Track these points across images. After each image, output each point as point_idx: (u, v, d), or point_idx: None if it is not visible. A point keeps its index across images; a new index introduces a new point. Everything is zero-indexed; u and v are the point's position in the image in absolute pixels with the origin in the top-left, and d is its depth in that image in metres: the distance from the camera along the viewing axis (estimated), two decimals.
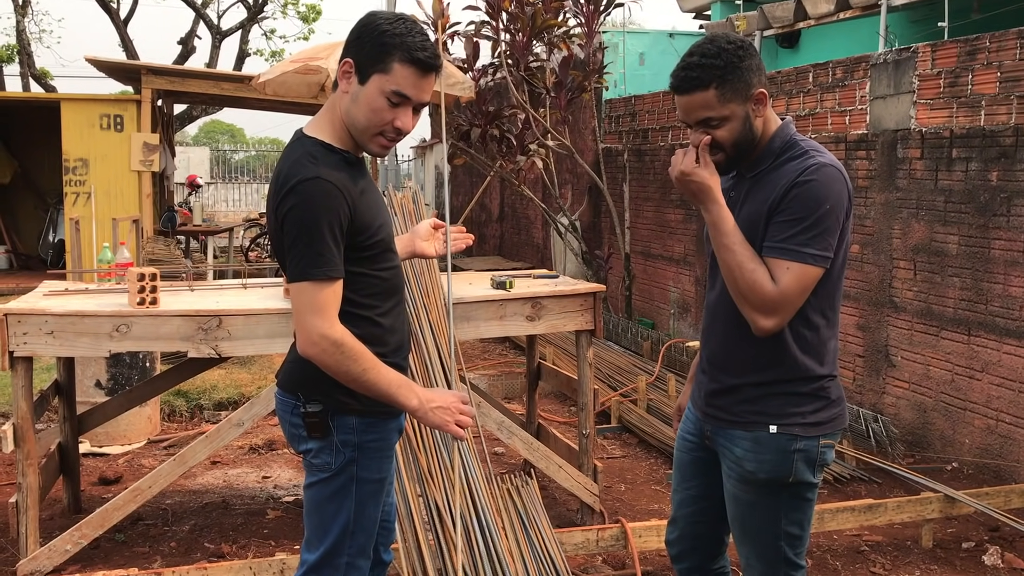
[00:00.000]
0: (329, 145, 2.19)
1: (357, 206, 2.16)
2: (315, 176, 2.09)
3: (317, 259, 2.09)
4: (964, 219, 5.23)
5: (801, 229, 2.17)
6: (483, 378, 6.98)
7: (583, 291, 4.20)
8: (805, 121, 6.59)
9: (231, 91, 10.76)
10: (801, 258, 2.18)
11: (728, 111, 2.22)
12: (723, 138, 2.25)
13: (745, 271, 2.19)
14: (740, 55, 2.20)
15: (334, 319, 2.11)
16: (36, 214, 13.83)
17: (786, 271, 2.18)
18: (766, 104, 2.27)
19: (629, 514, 4.50)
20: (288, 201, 2.10)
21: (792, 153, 2.27)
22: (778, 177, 2.25)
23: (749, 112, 2.24)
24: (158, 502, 4.52)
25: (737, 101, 2.22)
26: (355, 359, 2.12)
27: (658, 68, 10.93)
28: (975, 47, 5.21)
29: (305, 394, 2.25)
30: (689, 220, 8.23)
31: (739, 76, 2.20)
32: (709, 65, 2.19)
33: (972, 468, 5.14)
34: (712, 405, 2.41)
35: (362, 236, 2.18)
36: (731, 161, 2.30)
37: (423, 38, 2.13)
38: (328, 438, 2.25)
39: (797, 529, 2.36)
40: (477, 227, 15.33)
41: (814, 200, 2.18)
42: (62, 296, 3.92)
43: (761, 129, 2.28)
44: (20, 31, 16.86)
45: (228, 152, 30.31)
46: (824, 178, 2.19)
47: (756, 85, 2.23)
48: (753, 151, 2.30)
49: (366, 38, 2.14)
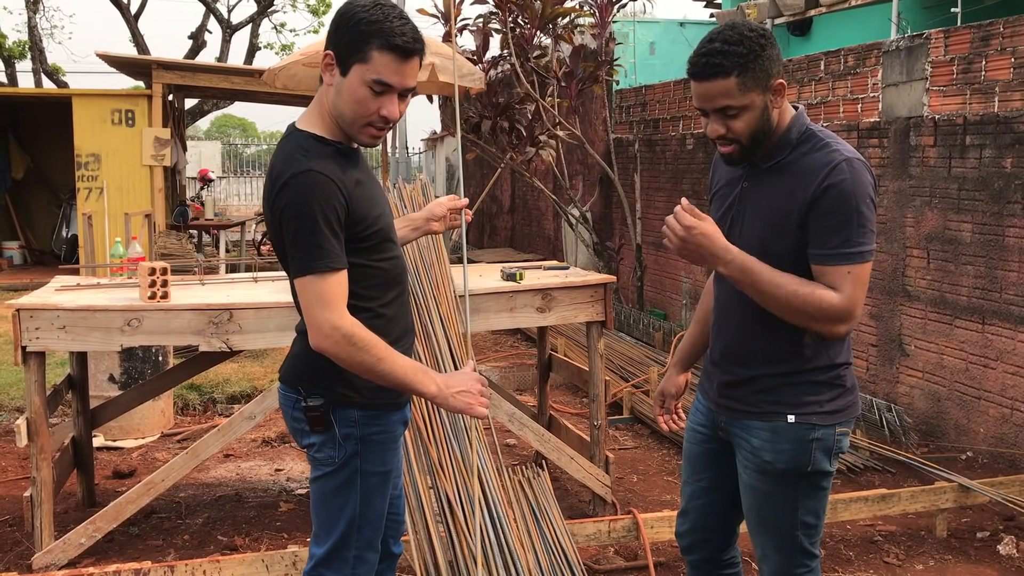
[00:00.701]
0: (320, 137, 2.17)
1: (352, 196, 2.14)
2: (307, 169, 2.07)
3: (318, 251, 2.07)
4: (978, 207, 5.19)
5: (849, 232, 2.15)
6: (495, 370, 6.98)
7: (594, 282, 4.19)
8: (817, 109, 6.54)
9: (242, 85, 10.79)
10: (857, 258, 2.17)
11: (748, 100, 2.17)
12: (739, 129, 2.20)
13: (802, 296, 2.16)
14: (762, 43, 2.16)
15: (343, 310, 2.09)
16: (49, 209, 13.90)
17: (847, 275, 2.16)
18: (784, 95, 2.24)
19: (641, 505, 4.50)
20: (283, 197, 2.08)
21: (814, 144, 2.24)
22: (802, 170, 2.22)
23: (768, 102, 2.20)
24: (171, 495, 4.54)
25: (757, 91, 2.17)
26: (368, 349, 2.09)
27: (669, 57, 10.88)
28: (989, 32, 5.16)
29: (306, 388, 2.24)
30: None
31: (760, 65, 2.16)
32: (731, 52, 2.14)
33: (987, 457, 5.11)
34: (726, 396, 2.40)
35: (359, 227, 2.16)
36: (744, 152, 2.26)
37: (401, 22, 2.08)
38: (330, 432, 2.24)
39: (813, 518, 2.35)
40: (488, 219, 15.32)
41: (852, 197, 2.15)
42: (74, 291, 3.94)
43: (776, 119, 2.25)
44: (32, 27, 16.92)
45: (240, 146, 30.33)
46: (854, 174, 2.17)
47: (776, 75, 2.20)
48: (768, 142, 2.26)
49: (343, 28, 2.10)
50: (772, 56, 2.18)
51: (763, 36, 2.18)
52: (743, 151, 2.25)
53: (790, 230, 2.22)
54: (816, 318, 2.18)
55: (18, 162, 13.38)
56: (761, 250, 2.24)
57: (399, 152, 19.30)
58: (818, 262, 2.19)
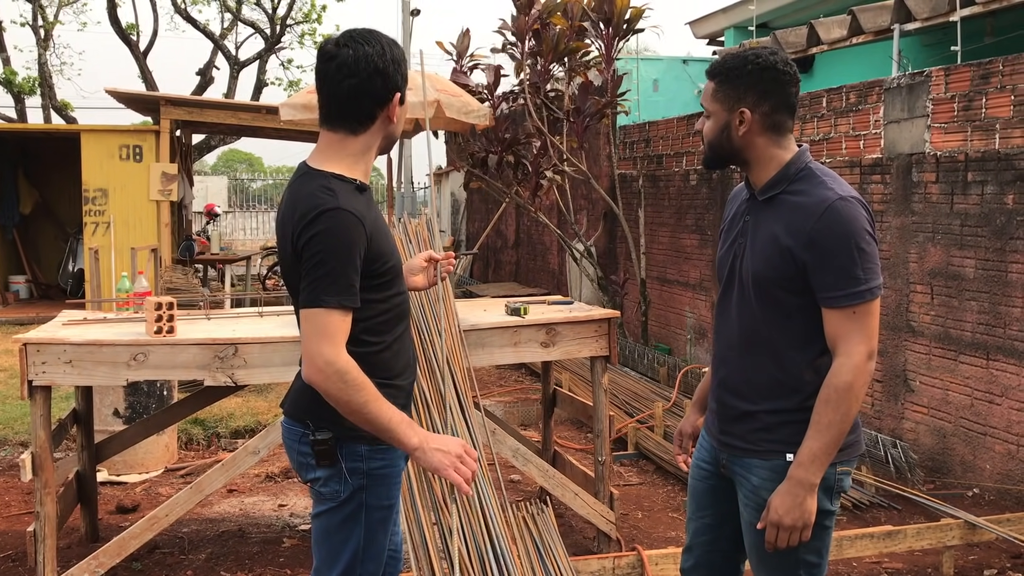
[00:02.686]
0: (341, 176, 2.21)
1: (373, 235, 2.18)
2: (336, 207, 2.11)
3: (333, 287, 2.09)
4: (981, 243, 5.20)
5: (853, 271, 2.18)
6: (499, 405, 6.97)
7: (597, 317, 4.20)
8: (819, 146, 6.59)
9: (248, 120, 10.89)
10: (865, 296, 2.19)
11: (713, 108, 2.34)
12: (705, 131, 2.38)
13: (834, 404, 2.18)
14: (760, 74, 2.26)
15: (341, 347, 2.11)
16: (56, 244, 13.98)
17: (852, 315, 2.19)
18: (747, 126, 2.29)
19: (646, 541, 4.47)
20: (311, 230, 2.10)
21: (811, 182, 2.27)
22: (796, 206, 2.24)
23: (730, 122, 2.31)
24: (175, 530, 4.53)
25: (724, 105, 2.32)
26: (358, 389, 2.10)
27: (672, 94, 10.97)
28: (988, 71, 5.21)
29: (314, 422, 2.24)
30: (704, 245, 8.23)
31: (735, 84, 2.29)
32: (729, 63, 2.30)
33: (993, 494, 5.08)
34: (727, 433, 2.40)
35: (377, 263, 2.20)
36: (706, 157, 2.44)
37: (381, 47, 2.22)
38: (336, 466, 2.25)
39: (816, 557, 2.33)
40: (493, 253, 15.37)
41: (850, 236, 2.18)
42: (80, 325, 3.96)
43: (741, 144, 2.32)
44: (42, 64, 17.13)
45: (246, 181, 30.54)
46: (849, 211, 2.19)
47: (745, 103, 2.28)
48: (728, 160, 2.39)
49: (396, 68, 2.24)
50: (754, 84, 2.27)
51: (763, 68, 2.27)
52: (706, 155, 2.44)
53: (783, 263, 2.24)
54: (856, 389, 2.19)
55: (26, 197, 13.48)
56: (756, 282, 2.27)
57: (404, 187, 19.40)
58: (826, 304, 2.22)
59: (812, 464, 2.19)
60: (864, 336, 2.19)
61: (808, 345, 2.27)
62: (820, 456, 2.20)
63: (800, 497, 2.20)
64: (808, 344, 2.27)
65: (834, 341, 2.22)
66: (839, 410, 2.18)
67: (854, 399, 2.19)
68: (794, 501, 2.20)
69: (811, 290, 2.23)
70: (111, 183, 10.90)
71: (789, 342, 2.28)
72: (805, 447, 2.20)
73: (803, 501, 2.20)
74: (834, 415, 2.18)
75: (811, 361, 2.27)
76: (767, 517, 2.23)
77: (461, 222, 17.42)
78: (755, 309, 2.31)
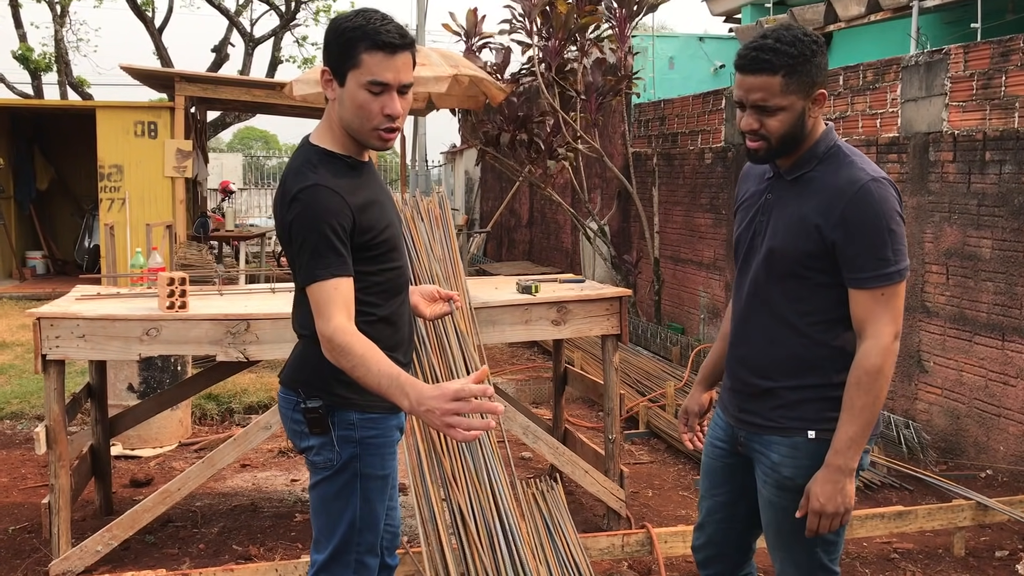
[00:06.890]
0: (330, 152, 2.24)
1: (359, 208, 2.19)
2: (313, 184, 2.15)
3: (321, 261, 2.13)
4: (997, 223, 5.15)
5: (883, 252, 2.17)
6: (510, 383, 6.99)
7: (609, 295, 4.19)
8: (836, 124, 6.53)
9: (263, 98, 10.88)
10: (895, 277, 2.18)
11: (787, 102, 2.18)
12: (773, 128, 2.20)
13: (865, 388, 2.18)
14: (813, 49, 2.18)
15: (332, 316, 2.12)
16: (72, 220, 14.06)
17: (880, 297, 2.18)
18: (822, 106, 2.25)
19: (656, 520, 4.48)
20: (292, 211, 2.16)
21: (840, 161, 2.24)
22: (826, 186, 2.22)
23: (806, 109, 2.21)
24: (188, 504, 4.56)
25: (799, 95, 2.18)
26: (344, 354, 2.09)
27: (687, 72, 10.89)
28: (1009, 48, 5.14)
29: (305, 390, 2.28)
30: (719, 224, 8.19)
31: (807, 71, 2.17)
32: (783, 51, 2.15)
33: (1007, 475, 5.06)
34: (746, 410, 2.39)
35: (366, 236, 2.22)
36: (771, 152, 2.25)
37: (384, 22, 2.15)
38: (328, 435, 2.27)
39: (832, 535, 2.33)
40: (507, 232, 15.35)
41: (882, 217, 2.16)
42: (94, 300, 3.98)
43: (810, 128, 2.25)
44: (58, 40, 17.14)
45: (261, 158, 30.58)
46: (881, 193, 2.17)
47: (820, 85, 2.21)
48: (796, 150, 2.26)
49: (332, 42, 2.18)
50: (820, 64, 2.20)
51: (815, 43, 2.20)
52: (769, 151, 2.25)
53: (809, 241, 2.22)
54: (885, 371, 2.18)
55: (42, 173, 13.54)
56: (779, 259, 2.26)
57: (419, 165, 19.38)
58: (854, 285, 2.20)
59: (849, 449, 2.19)
60: (891, 317, 2.18)
61: (828, 323, 2.25)
62: (857, 440, 2.19)
63: (841, 483, 2.20)
64: (828, 322, 2.25)
65: (861, 323, 2.20)
66: (871, 392, 2.17)
67: (884, 381, 2.18)
68: (835, 488, 2.20)
69: (834, 269, 2.22)
70: (126, 159, 10.94)
71: (809, 320, 2.27)
72: (841, 433, 2.20)
73: (844, 487, 2.20)
74: (867, 398, 2.18)
75: (832, 339, 2.26)
76: (808, 505, 2.23)
77: (475, 200, 17.39)
78: (775, 287, 2.30)
